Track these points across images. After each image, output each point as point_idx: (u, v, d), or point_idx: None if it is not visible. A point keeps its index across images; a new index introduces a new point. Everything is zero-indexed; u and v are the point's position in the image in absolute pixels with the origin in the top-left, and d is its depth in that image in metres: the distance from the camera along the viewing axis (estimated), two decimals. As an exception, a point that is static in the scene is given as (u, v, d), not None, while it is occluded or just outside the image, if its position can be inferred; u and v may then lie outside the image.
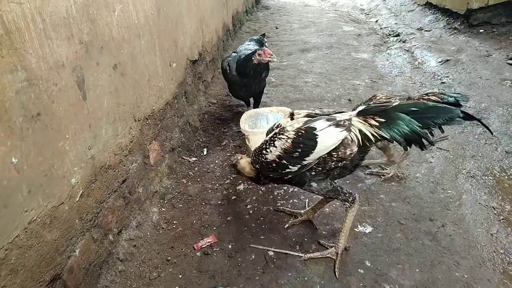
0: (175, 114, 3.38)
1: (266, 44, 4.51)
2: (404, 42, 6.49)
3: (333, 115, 2.17)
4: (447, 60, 5.31)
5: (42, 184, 1.63)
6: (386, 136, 2.03)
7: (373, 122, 2.07)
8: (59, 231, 1.76)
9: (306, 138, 2.06)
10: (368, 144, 2.12)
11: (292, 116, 2.30)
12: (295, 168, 2.12)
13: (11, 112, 1.43)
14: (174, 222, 2.70)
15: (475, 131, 3.62)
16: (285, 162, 2.11)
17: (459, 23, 6.38)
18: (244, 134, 3.17)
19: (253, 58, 3.36)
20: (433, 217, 2.65)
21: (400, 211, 2.72)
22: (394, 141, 2.03)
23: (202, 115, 4.12)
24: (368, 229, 2.57)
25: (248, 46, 3.99)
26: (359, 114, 2.13)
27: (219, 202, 2.90)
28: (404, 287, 2.14)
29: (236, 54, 3.78)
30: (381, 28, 7.71)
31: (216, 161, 3.41)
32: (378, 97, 2.81)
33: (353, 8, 9.78)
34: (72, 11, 1.80)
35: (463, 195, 2.85)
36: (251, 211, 2.78)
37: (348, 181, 3.05)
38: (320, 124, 2.08)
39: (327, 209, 2.75)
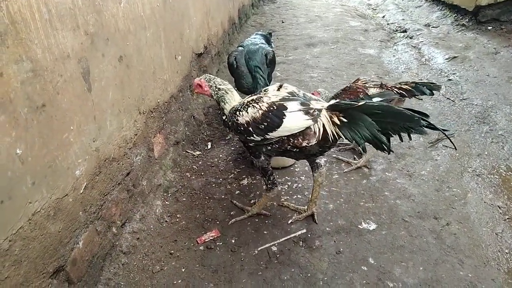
0: (180, 107, 3.37)
1: (273, 44, 4.48)
2: (411, 38, 6.43)
3: (311, 101, 2.21)
4: (455, 57, 5.26)
5: (46, 176, 1.62)
6: (345, 136, 2.06)
7: (336, 120, 2.09)
8: (62, 223, 1.76)
9: (274, 115, 2.13)
10: (330, 141, 2.14)
11: (280, 88, 2.34)
12: (258, 139, 2.21)
13: (16, 102, 1.43)
14: (178, 215, 2.70)
15: (481, 129, 3.59)
16: (251, 129, 2.19)
17: (467, 19, 6.30)
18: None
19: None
20: (438, 215, 2.63)
21: (405, 208, 2.70)
22: (354, 142, 2.04)
23: (207, 109, 4.10)
24: (372, 226, 2.55)
25: (254, 40, 3.96)
26: (328, 108, 2.15)
27: (223, 196, 2.89)
28: (407, 285, 2.13)
29: (242, 48, 3.76)
30: (388, 24, 7.65)
31: (220, 155, 3.40)
32: (360, 81, 3.02)
33: (360, 3, 9.70)
34: (78, 1, 1.78)
35: (469, 194, 2.83)
36: (254, 206, 2.77)
37: (352, 177, 3.03)
38: (292, 106, 2.14)
39: (331, 205, 2.74)
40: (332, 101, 2.18)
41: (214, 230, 2.54)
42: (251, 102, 2.24)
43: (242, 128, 2.23)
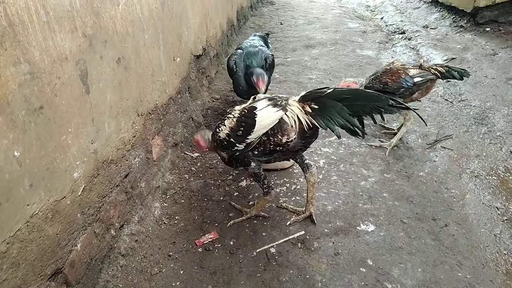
0: (178, 109, 3.37)
1: (270, 45, 4.49)
2: (409, 39, 6.44)
3: (279, 97, 2.28)
4: (453, 59, 5.27)
5: (44, 178, 1.62)
6: (319, 124, 2.10)
7: (308, 108, 2.14)
8: (60, 225, 1.76)
9: (247, 117, 2.21)
10: (307, 131, 2.17)
11: (254, 98, 2.42)
12: (241, 147, 2.26)
13: (13, 105, 1.43)
14: (176, 217, 2.70)
15: (479, 130, 3.60)
16: (232, 140, 2.25)
17: (465, 21, 6.32)
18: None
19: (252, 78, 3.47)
20: (436, 216, 2.63)
21: (403, 210, 2.70)
22: (328, 129, 2.07)
23: (206, 111, 4.10)
24: (371, 227, 2.56)
25: (253, 42, 3.96)
26: (300, 100, 2.21)
27: (221, 198, 2.89)
28: (406, 287, 2.13)
29: (241, 50, 3.76)
30: (386, 25, 7.66)
31: (219, 157, 3.40)
32: (395, 64, 3.44)
33: (358, 4, 9.71)
34: (76, 3, 1.78)
35: (467, 195, 2.83)
36: (253, 208, 2.77)
37: (351, 179, 3.03)
38: (260, 104, 2.22)
39: (329, 207, 2.74)
40: (303, 92, 2.25)
41: (212, 232, 2.54)
42: (225, 114, 2.34)
43: (225, 143, 2.30)
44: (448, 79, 3.23)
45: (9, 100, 1.40)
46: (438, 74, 3.18)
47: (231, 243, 2.47)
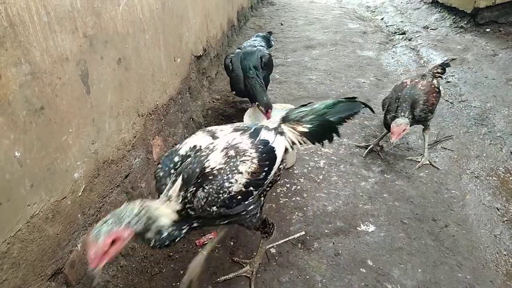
0: (178, 110, 3.37)
1: (272, 42, 4.49)
2: (409, 40, 6.44)
3: (260, 124, 2.04)
4: (453, 59, 5.26)
5: (45, 178, 1.62)
6: (311, 141, 2.07)
7: (301, 128, 2.04)
8: (61, 225, 1.76)
9: (268, 153, 1.85)
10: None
11: (213, 136, 1.92)
12: (256, 192, 1.83)
13: (14, 105, 1.43)
14: (176, 217, 2.70)
15: (480, 131, 3.60)
16: (251, 188, 1.78)
17: (465, 22, 6.32)
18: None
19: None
20: (437, 217, 2.63)
21: (403, 210, 2.70)
22: (316, 143, 2.08)
23: (206, 111, 4.10)
24: (371, 228, 2.56)
25: (253, 43, 3.96)
26: (284, 121, 2.08)
27: (222, 198, 2.88)
28: (406, 287, 2.13)
29: (240, 50, 3.76)
30: (386, 26, 7.66)
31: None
32: (410, 80, 3.33)
33: (358, 5, 9.71)
34: (76, 4, 1.79)
35: (467, 196, 2.83)
36: (253, 208, 2.77)
37: (351, 179, 3.04)
38: (268, 136, 1.92)
39: (329, 207, 2.74)
40: (283, 113, 2.12)
41: (212, 233, 2.54)
42: (233, 161, 1.75)
43: (239, 197, 1.76)
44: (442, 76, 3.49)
45: (10, 101, 1.41)
46: (441, 75, 3.42)
47: (231, 243, 2.47)
